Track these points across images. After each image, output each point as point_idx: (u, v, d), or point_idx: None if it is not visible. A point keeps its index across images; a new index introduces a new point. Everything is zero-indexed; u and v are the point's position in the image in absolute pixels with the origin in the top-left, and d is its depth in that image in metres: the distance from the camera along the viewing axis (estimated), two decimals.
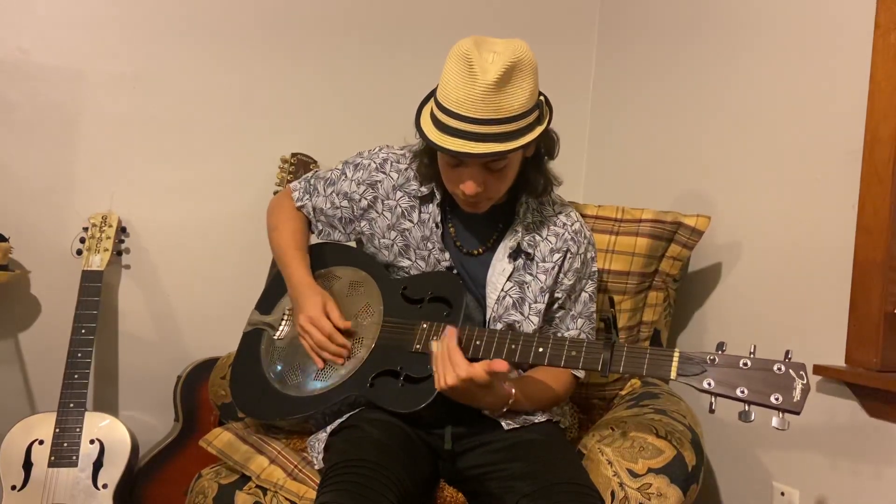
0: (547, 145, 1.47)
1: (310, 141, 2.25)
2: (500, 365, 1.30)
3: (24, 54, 2.04)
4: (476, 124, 1.29)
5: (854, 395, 1.55)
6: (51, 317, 2.08)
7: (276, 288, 1.64)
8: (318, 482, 1.28)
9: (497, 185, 1.41)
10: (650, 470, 1.36)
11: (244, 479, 1.41)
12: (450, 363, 1.30)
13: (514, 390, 1.40)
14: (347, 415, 1.43)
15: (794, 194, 1.73)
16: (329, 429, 1.43)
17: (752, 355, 1.19)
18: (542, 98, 1.40)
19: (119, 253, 2.10)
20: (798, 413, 1.13)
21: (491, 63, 1.29)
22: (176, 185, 2.19)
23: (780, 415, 1.13)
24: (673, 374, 1.21)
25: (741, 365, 1.18)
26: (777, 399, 1.13)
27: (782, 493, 1.70)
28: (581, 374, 1.56)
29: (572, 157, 2.57)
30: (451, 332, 1.34)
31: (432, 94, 1.42)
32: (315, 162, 2.19)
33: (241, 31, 2.23)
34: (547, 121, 1.40)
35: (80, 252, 2.00)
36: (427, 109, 1.41)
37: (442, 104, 1.33)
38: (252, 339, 1.60)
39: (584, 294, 1.57)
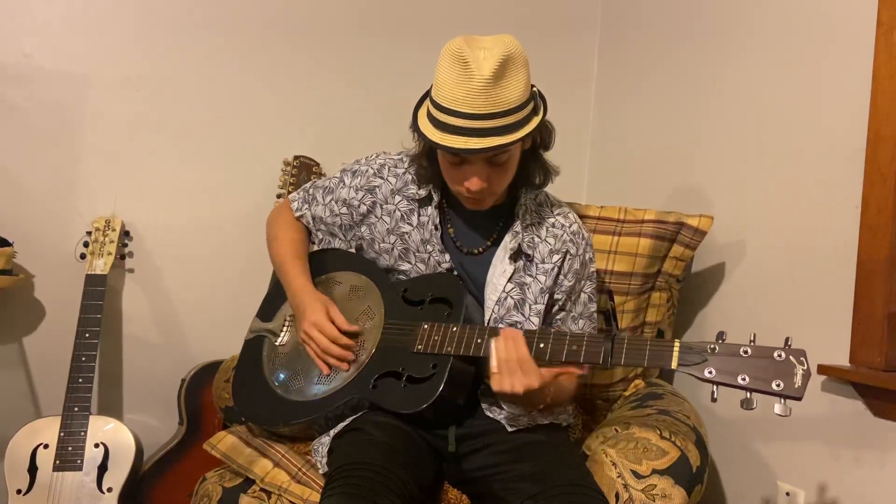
0: (543, 136, 1.48)
1: (312, 143, 2.26)
2: (575, 370, 1.31)
3: (28, 58, 2.05)
4: (476, 119, 1.30)
5: (858, 394, 1.55)
6: (55, 321, 2.09)
7: (276, 295, 1.64)
8: (323, 485, 1.29)
9: (500, 179, 1.42)
10: (654, 471, 1.36)
11: (248, 482, 1.41)
12: (520, 371, 1.29)
13: (551, 388, 1.39)
14: (351, 418, 1.43)
15: (798, 193, 1.73)
16: (332, 432, 1.43)
17: (752, 343, 1.19)
18: (535, 90, 1.41)
19: (122, 257, 2.10)
20: (800, 399, 1.13)
21: (484, 59, 1.30)
22: (179, 189, 2.19)
23: (782, 401, 1.13)
24: (674, 364, 1.21)
25: (741, 353, 1.18)
26: (778, 385, 1.13)
27: (787, 493, 1.69)
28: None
29: (575, 158, 2.57)
30: (520, 338, 1.32)
31: (426, 95, 1.43)
32: (318, 164, 2.19)
33: (243, 35, 2.23)
34: (542, 111, 1.41)
35: (83, 256, 2.00)
36: (423, 111, 1.41)
37: (439, 103, 1.33)
38: (254, 346, 1.60)
39: (583, 295, 1.57)
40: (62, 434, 1.83)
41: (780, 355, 1.16)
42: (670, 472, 1.36)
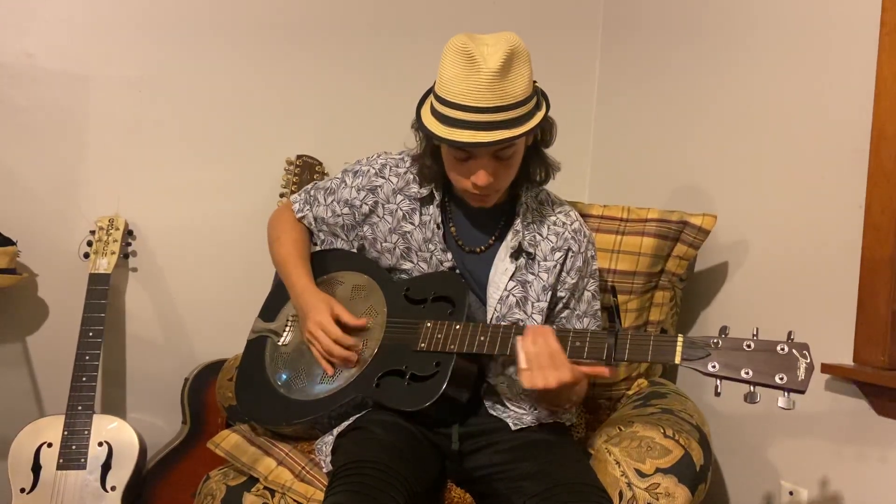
0: (545, 132, 1.48)
1: (315, 143, 2.25)
2: (605, 371, 1.29)
3: (30, 59, 2.05)
4: (483, 113, 1.30)
5: (862, 393, 1.55)
6: (58, 320, 2.09)
7: (279, 295, 1.64)
8: (326, 484, 1.29)
9: (505, 174, 1.43)
10: (658, 470, 1.36)
11: (252, 480, 1.41)
12: (551, 365, 1.27)
13: (577, 387, 1.37)
14: (354, 417, 1.44)
15: (801, 193, 1.73)
16: (336, 431, 1.44)
17: (755, 337, 1.19)
18: (537, 86, 1.42)
19: (126, 256, 2.10)
20: (803, 392, 1.13)
21: (490, 53, 1.31)
22: (182, 188, 2.19)
23: (786, 395, 1.14)
24: (677, 359, 1.21)
25: (745, 347, 1.18)
26: (782, 379, 1.14)
27: (790, 493, 1.69)
28: None
29: (577, 157, 2.57)
30: (550, 332, 1.31)
31: (429, 93, 1.43)
32: (320, 164, 2.19)
33: (246, 35, 2.23)
34: (546, 107, 1.42)
35: (87, 255, 2.00)
36: (426, 108, 1.41)
37: (445, 98, 1.34)
38: (256, 346, 1.60)
39: (586, 293, 1.57)
40: (66, 433, 1.83)
41: (783, 349, 1.16)
42: (674, 471, 1.36)
